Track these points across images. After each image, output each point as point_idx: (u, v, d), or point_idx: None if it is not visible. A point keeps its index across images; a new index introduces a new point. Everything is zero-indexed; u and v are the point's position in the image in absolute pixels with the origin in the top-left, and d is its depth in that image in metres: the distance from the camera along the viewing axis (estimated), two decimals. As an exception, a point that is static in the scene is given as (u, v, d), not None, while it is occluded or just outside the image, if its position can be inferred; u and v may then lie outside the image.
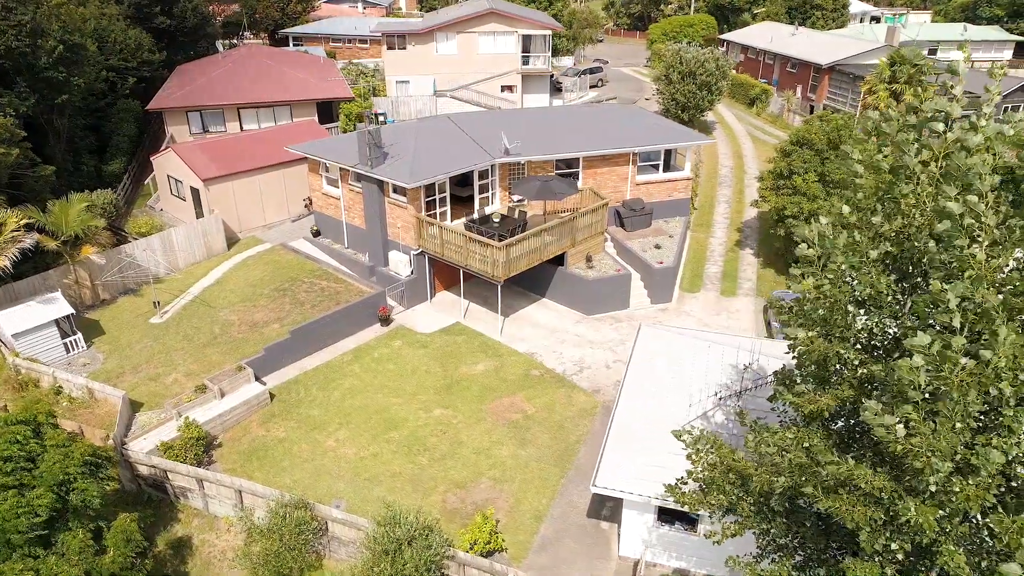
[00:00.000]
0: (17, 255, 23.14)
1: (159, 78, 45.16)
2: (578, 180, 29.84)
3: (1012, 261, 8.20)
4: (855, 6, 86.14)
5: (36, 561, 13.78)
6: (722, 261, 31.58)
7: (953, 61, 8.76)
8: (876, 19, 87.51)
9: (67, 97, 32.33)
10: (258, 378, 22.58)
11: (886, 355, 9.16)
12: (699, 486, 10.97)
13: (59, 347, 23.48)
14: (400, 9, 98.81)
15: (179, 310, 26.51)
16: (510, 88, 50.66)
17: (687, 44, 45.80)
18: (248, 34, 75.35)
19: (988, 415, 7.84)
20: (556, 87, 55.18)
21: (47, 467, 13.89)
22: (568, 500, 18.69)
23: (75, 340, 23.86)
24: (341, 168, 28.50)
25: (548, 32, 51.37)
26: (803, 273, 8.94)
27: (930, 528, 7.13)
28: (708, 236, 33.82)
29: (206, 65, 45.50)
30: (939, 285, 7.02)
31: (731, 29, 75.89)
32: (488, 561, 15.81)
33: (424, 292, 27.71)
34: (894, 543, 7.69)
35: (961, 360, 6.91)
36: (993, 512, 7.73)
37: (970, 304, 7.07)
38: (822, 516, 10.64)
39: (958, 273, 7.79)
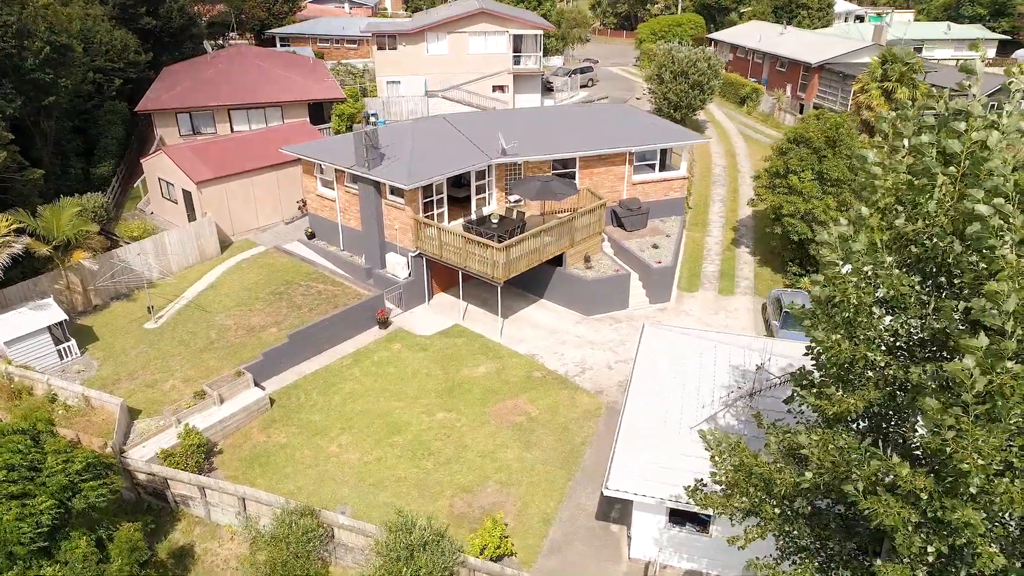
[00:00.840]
0: (8, 260, 22.68)
1: (145, 79, 44.56)
2: (575, 180, 29.73)
3: None
4: (839, 5, 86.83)
5: (40, 571, 13.47)
6: (719, 260, 31.61)
7: (968, 60, 8.71)
8: (860, 18, 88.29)
9: (54, 99, 31.77)
10: (257, 383, 22.28)
11: (911, 357, 9.11)
12: (721, 489, 10.87)
13: (52, 354, 23.04)
14: (385, 9, 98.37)
15: (174, 315, 26.11)
16: (502, 88, 50.51)
17: (679, 44, 45.83)
18: (233, 35, 74.63)
19: None
20: (547, 87, 55.08)
21: (50, 472, 13.57)
22: (576, 502, 18.58)
23: (68, 347, 23.42)
24: (337, 170, 28.21)
25: (539, 32, 51.26)
26: (827, 276, 8.85)
27: (978, 529, 7.08)
28: (704, 235, 33.86)
29: (194, 66, 44.97)
30: (995, 287, 6.96)
31: (718, 28, 76.18)
32: (499, 566, 15.66)
33: (422, 294, 27.50)
34: (931, 545, 7.62)
35: (1008, 364, 6.87)
36: None
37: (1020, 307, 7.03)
38: (846, 517, 10.60)
39: (987, 275, 7.77)
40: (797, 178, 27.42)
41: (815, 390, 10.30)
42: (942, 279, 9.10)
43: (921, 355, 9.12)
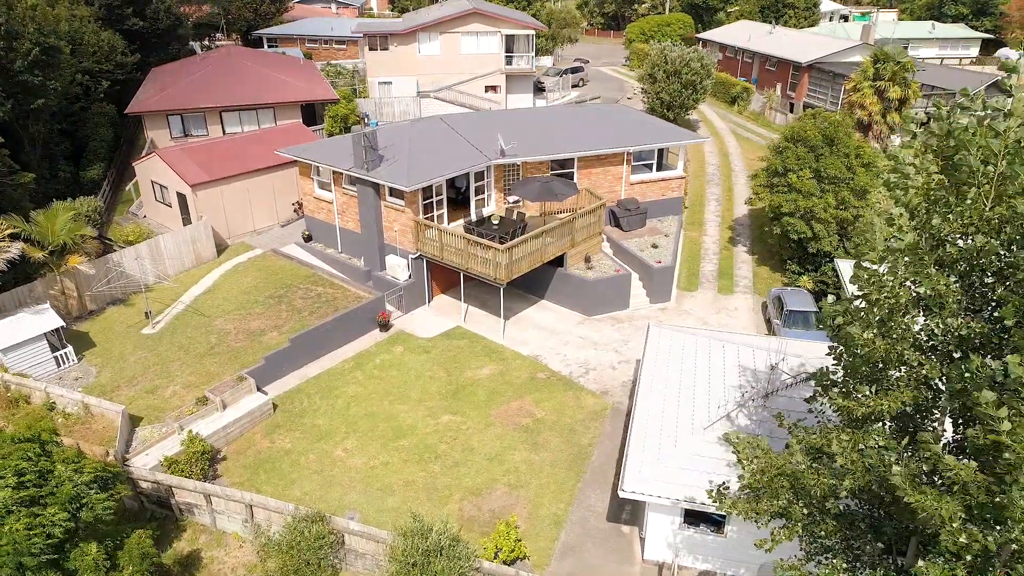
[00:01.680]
0: (4, 266, 22.26)
1: (133, 81, 44.02)
2: (573, 181, 29.67)
3: None
4: (825, 4, 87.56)
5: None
6: (717, 259, 31.69)
7: (1008, 59, 8.72)
8: (844, 17, 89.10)
9: (43, 101, 31.29)
10: (259, 388, 22.02)
11: (947, 356, 9.12)
12: (748, 492, 10.82)
13: (49, 361, 22.63)
14: (372, 9, 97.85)
15: (171, 320, 25.75)
16: (494, 88, 50.38)
17: (671, 43, 45.96)
18: (219, 35, 73.92)
19: None
20: (538, 87, 55.00)
21: (60, 482, 13.31)
22: (586, 504, 18.51)
23: (65, 353, 23.03)
24: (334, 171, 27.97)
25: (531, 32, 51.19)
26: (866, 277, 8.82)
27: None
28: (701, 234, 33.93)
29: (182, 67, 44.42)
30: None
31: (707, 28, 76.54)
32: (514, 570, 15.55)
33: (422, 296, 27.33)
34: (977, 541, 7.62)
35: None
36: None
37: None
38: (873, 517, 10.60)
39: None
40: (796, 176, 27.53)
41: (842, 390, 10.30)
42: (974, 278, 9.12)
43: (964, 350, 9.07)
